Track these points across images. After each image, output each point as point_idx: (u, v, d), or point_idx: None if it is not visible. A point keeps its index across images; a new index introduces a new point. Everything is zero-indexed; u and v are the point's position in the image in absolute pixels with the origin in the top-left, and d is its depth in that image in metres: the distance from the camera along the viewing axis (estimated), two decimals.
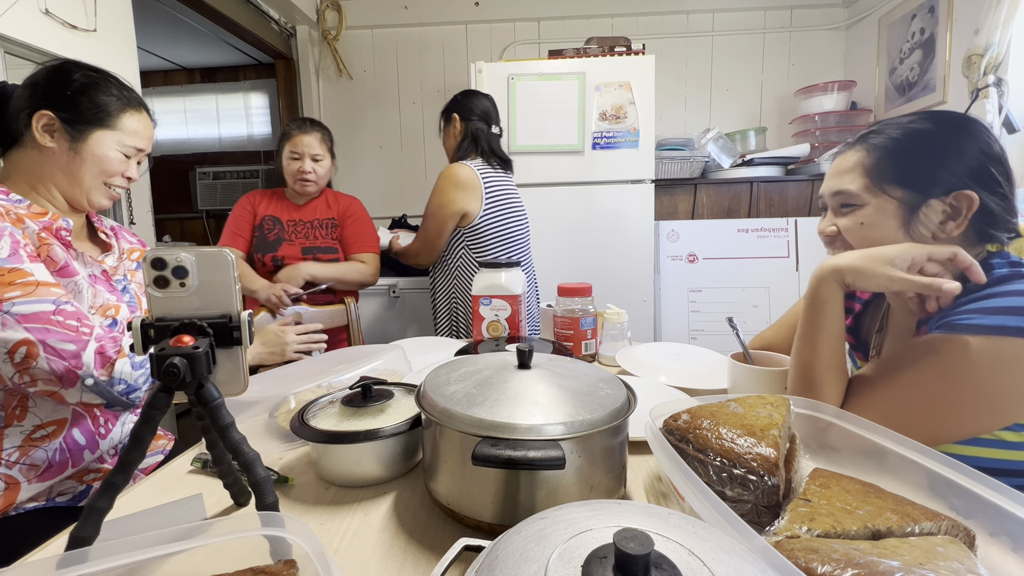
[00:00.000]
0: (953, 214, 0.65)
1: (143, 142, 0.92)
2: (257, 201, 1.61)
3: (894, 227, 0.68)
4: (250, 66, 3.47)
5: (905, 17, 2.19)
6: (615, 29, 2.65)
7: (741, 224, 2.23)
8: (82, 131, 0.84)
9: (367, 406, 0.65)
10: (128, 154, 0.90)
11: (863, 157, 0.70)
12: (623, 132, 1.97)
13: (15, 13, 1.25)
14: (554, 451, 0.45)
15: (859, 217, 0.70)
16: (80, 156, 0.85)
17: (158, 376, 0.45)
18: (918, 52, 2.12)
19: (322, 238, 1.60)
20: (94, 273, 0.88)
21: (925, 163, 0.66)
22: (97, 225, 0.97)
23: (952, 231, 0.66)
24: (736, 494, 0.50)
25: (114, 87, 0.88)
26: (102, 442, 0.85)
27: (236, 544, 0.41)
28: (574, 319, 1.11)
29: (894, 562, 0.37)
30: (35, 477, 0.79)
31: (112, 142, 0.87)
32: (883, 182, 0.68)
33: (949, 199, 0.65)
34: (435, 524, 0.54)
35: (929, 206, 0.66)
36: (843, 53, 2.61)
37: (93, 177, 0.87)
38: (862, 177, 0.70)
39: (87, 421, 0.84)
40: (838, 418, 0.61)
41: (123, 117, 0.87)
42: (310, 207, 1.62)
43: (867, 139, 0.71)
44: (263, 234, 1.57)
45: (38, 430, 0.79)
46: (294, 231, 1.58)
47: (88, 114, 0.84)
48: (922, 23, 2.10)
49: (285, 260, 1.54)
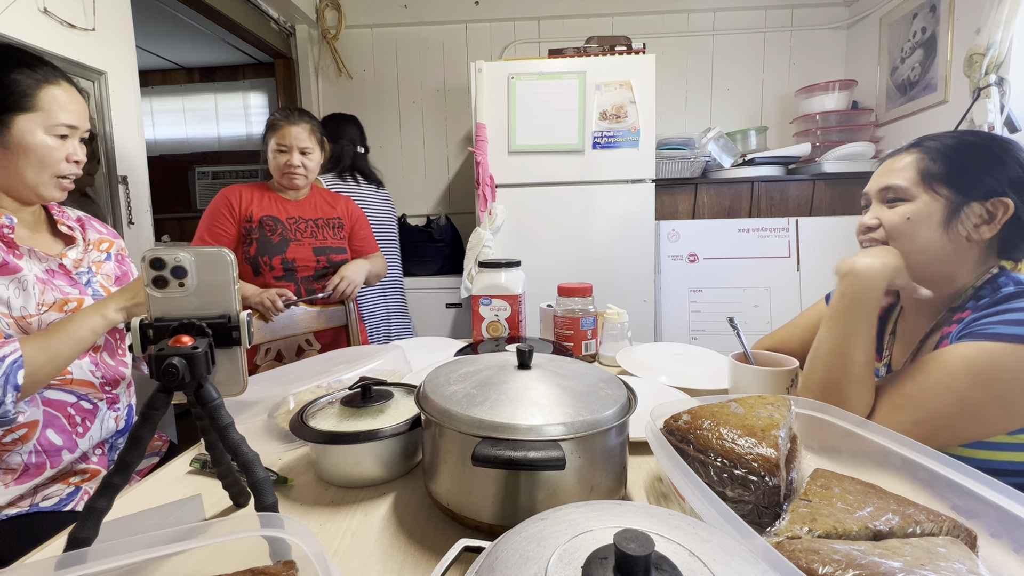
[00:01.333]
0: (989, 218, 0.71)
1: (73, 117, 0.82)
2: (242, 199, 1.49)
3: (936, 224, 0.73)
4: (249, 65, 3.47)
5: (906, 16, 2.19)
6: (615, 28, 2.65)
7: (742, 224, 2.23)
8: (2, 121, 0.77)
9: (367, 406, 0.64)
10: (61, 134, 0.81)
11: (919, 157, 0.75)
12: (623, 131, 1.97)
13: (13, 12, 1.25)
14: (554, 452, 0.44)
15: (906, 211, 0.75)
16: (10, 151, 0.78)
17: (157, 376, 0.44)
18: (919, 51, 2.12)
19: (331, 238, 1.55)
20: (50, 268, 0.84)
21: (972, 168, 0.72)
22: (58, 218, 0.91)
23: (985, 234, 0.71)
24: (737, 495, 0.50)
25: (23, 62, 0.78)
26: (81, 441, 0.84)
27: (235, 545, 0.40)
28: (574, 319, 1.11)
29: (895, 563, 0.37)
30: (12, 480, 0.78)
31: (36, 126, 0.79)
32: (934, 180, 0.73)
33: (988, 204, 0.71)
34: (435, 525, 0.54)
35: (970, 208, 0.71)
36: (844, 52, 2.61)
37: (35, 172, 0.80)
38: (915, 174, 0.74)
39: (61, 420, 0.82)
40: (839, 418, 0.61)
41: (40, 95, 0.78)
42: (307, 203, 1.57)
43: (923, 143, 0.77)
44: (264, 235, 1.47)
45: (8, 434, 0.78)
46: (298, 230, 1.51)
47: (1, 100, 0.76)
48: (923, 22, 2.10)
49: (296, 262, 1.48)
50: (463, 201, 2.82)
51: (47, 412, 0.81)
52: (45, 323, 0.80)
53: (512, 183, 2.01)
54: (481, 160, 1.96)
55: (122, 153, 1.62)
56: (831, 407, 0.63)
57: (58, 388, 0.82)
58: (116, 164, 1.60)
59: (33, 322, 0.79)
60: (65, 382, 0.83)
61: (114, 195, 1.62)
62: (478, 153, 1.95)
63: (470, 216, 2.78)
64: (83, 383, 0.85)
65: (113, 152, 1.59)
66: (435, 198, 2.85)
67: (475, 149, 1.96)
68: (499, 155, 1.99)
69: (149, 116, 3.55)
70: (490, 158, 1.98)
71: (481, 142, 1.96)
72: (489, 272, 1.15)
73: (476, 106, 1.98)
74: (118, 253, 1.00)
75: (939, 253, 0.73)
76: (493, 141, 1.98)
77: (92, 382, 0.86)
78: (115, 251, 0.99)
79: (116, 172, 1.61)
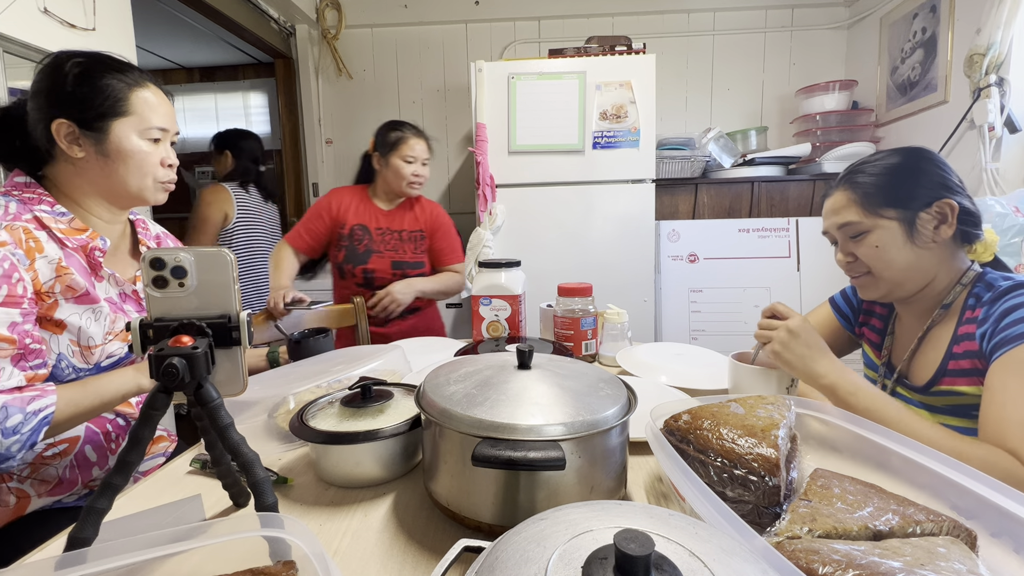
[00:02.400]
0: (942, 219, 0.76)
1: (164, 120, 0.82)
2: (341, 204, 1.62)
3: (901, 242, 0.78)
4: (249, 65, 3.47)
5: (907, 16, 2.19)
6: (616, 28, 2.65)
7: (742, 224, 2.23)
8: (100, 128, 0.76)
9: (367, 406, 0.64)
10: (154, 138, 0.81)
11: (851, 195, 0.81)
12: (624, 131, 1.97)
13: (14, 12, 1.25)
14: (554, 452, 0.44)
15: (872, 241, 0.80)
16: (110, 158, 0.78)
17: (157, 376, 0.44)
18: (919, 51, 2.12)
19: (410, 252, 1.64)
20: (124, 292, 0.84)
21: (902, 185, 0.78)
22: (142, 237, 0.91)
23: (946, 233, 0.76)
24: (737, 495, 0.50)
25: (112, 67, 0.78)
26: (112, 457, 0.84)
27: (235, 545, 0.40)
28: (574, 319, 1.11)
29: (896, 563, 0.37)
30: (45, 492, 0.79)
31: (132, 131, 0.79)
32: (877, 208, 0.79)
33: (934, 208, 0.76)
34: (435, 525, 0.54)
35: (920, 219, 0.77)
36: (844, 52, 2.61)
37: (137, 178, 0.80)
38: (858, 208, 0.80)
39: (99, 437, 0.82)
40: (839, 418, 0.61)
41: (132, 99, 0.78)
42: (398, 214, 1.65)
43: (850, 179, 0.82)
44: (353, 244, 1.60)
45: (50, 448, 0.78)
46: (383, 242, 1.61)
47: (97, 106, 0.76)
48: (924, 22, 2.10)
49: (375, 273, 1.58)
50: (463, 201, 2.82)
51: (89, 428, 0.81)
52: (107, 353, 0.79)
53: (512, 183, 2.01)
54: (481, 160, 1.96)
55: None
56: (833, 407, 0.63)
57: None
58: None
59: (96, 352, 0.78)
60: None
61: None
62: (478, 153, 1.95)
63: (470, 216, 2.77)
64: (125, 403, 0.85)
65: None
66: (435, 198, 2.85)
67: (475, 149, 1.96)
68: (499, 155, 1.99)
69: None
70: (490, 158, 1.98)
71: (481, 142, 1.96)
72: (489, 272, 1.15)
73: (476, 106, 1.98)
74: None
75: (920, 264, 0.78)
76: (493, 141, 1.98)
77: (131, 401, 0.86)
78: None
79: None
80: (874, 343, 0.93)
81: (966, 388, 0.74)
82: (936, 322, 0.80)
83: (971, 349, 0.73)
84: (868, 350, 0.95)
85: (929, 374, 0.79)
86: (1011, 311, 0.69)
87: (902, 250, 0.78)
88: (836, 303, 1.00)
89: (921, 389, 0.80)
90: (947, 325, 0.78)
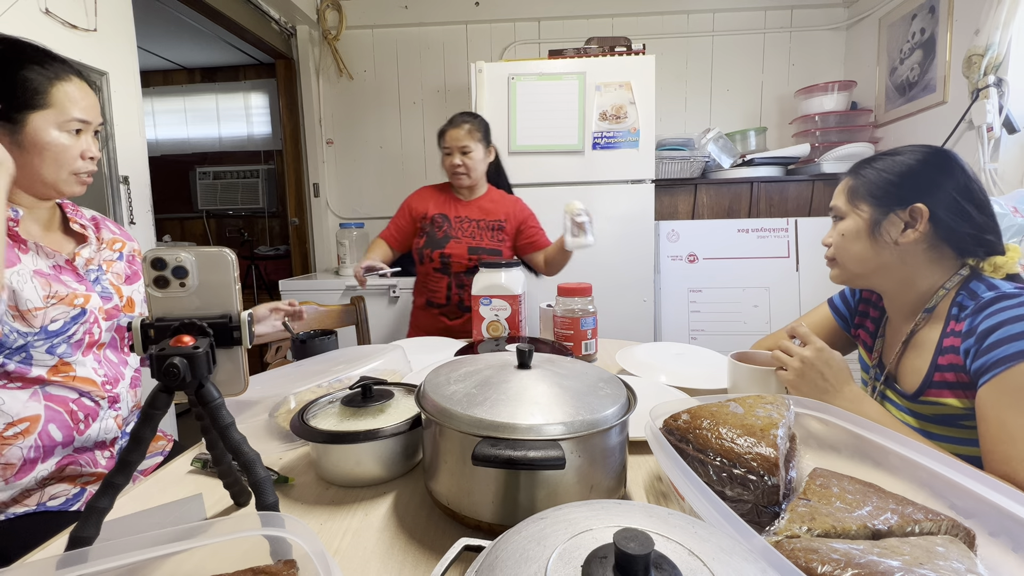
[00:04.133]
0: (912, 223, 0.77)
1: (85, 112, 0.81)
2: (423, 200, 1.68)
3: (863, 237, 0.81)
4: (250, 66, 3.47)
5: (905, 17, 2.19)
6: (615, 29, 2.65)
7: (741, 224, 2.23)
8: (15, 119, 0.76)
9: (367, 406, 0.65)
10: (75, 129, 0.81)
11: (849, 182, 0.84)
12: (623, 132, 1.97)
13: (15, 13, 1.25)
14: (554, 451, 0.45)
15: (841, 229, 0.84)
16: (26, 149, 0.78)
17: (158, 376, 0.45)
18: (918, 52, 2.12)
19: (487, 240, 1.65)
20: (57, 264, 0.85)
21: (889, 184, 0.79)
22: (71, 216, 0.92)
23: (910, 237, 0.77)
24: (736, 494, 0.50)
25: (33, 59, 0.77)
26: (79, 438, 0.84)
27: (236, 544, 0.41)
28: (574, 319, 1.11)
29: (894, 562, 0.37)
30: (12, 475, 0.78)
31: (50, 124, 0.78)
32: (856, 199, 0.82)
33: (906, 212, 0.77)
34: (435, 524, 0.54)
35: (889, 220, 0.79)
36: (843, 53, 2.61)
37: (52, 170, 0.80)
38: (846, 196, 0.84)
39: (63, 416, 0.82)
40: (838, 417, 0.61)
41: (52, 91, 0.78)
42: (475, 205, 1.67)
43: (858, 167, 0.84)
44: (433, 231, 1.64)
45: (9, 427, 0.77)
46: (460, 229, 1.64)
47: (14, 97, 0.75)
48: (922, 23, 2.10)
49: (452, 257, 1.61)
50: None
51: (49, 407, 0.81)
52: (51, 317, 0.80)
53: (512, 183, 2.00)
54: None
55: (123, 153, 1.63)
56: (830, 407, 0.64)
57: (60, 384, 0.82)
58: (117, 164, 1.61)
59: (40, 315, 0.79)
60: (68, 379, 0.83)
61: (115, 195, 1.62)
62: None
63: None
64: (85, 380, 0.85)
65: (114, 152, 1.59)
66: None
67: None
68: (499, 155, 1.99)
69: (150, 116, 3.55)
70: None
71: None
72: (489, 272, 1.15)
73: (476, 106, 1.98)
74: (130, 254, 1.00)
75: (876, 261, 0.81)
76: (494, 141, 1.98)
77: (95, 380, 0.86)
78: (127, 252, 1.00)
79: (117, 172, 1.61)
80: (867, 345, 0.93)
81: (951, 400, 0.74)
82: (920, 326, 0.80)
83: (956, 363, 0.73)
84: (862, 351, 0.96)
85: (916, 382, 0.79)
86: (994, 330, 0.68)
87: (861, 244, 0.81)
88: (834, 304, 1.00)
89: (910, 397, 0.80)
90: (932, 330, 0.78)
